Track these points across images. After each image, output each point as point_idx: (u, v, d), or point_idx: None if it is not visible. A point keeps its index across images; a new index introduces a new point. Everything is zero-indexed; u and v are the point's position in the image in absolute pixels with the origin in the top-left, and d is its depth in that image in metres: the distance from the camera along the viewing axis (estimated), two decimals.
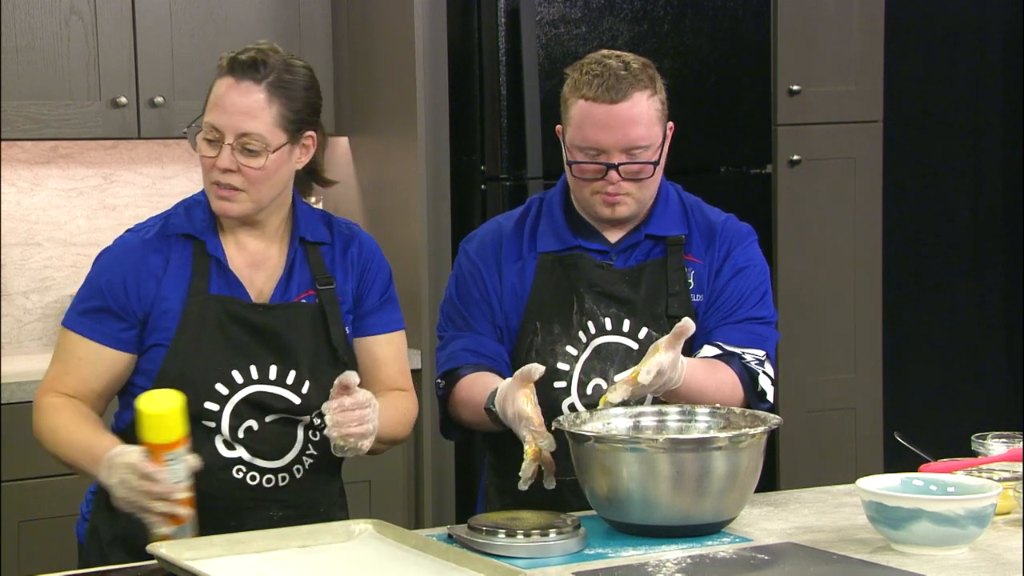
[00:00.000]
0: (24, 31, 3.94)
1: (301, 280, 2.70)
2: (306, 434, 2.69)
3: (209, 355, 2.62)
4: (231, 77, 2.61)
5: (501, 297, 2.84)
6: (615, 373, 2.75)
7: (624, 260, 2.83)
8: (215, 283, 2.65)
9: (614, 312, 2.79)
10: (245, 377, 2.63)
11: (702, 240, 2.86)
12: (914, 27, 5.36)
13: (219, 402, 2.62)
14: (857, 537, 2.41)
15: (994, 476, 2.56)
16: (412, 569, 2.24)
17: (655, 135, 2.76)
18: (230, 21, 4.14)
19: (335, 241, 2.76)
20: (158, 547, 2.26)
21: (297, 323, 2.67)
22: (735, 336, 2.80)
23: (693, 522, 2.40)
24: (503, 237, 2.88)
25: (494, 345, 2.83)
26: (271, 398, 2.64)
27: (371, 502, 4.01)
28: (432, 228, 4.13)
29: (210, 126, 2.61)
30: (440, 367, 2.87)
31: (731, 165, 4.49)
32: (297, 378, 2.65)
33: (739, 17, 4.42)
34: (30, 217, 4.26)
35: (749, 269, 2.87)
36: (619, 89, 2.72)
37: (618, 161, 2.74)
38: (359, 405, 2.55)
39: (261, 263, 2.70)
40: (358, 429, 2.55)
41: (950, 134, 5.58)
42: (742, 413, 2.57)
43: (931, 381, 5.54)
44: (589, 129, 2.74)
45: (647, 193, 2.80)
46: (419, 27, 4.07)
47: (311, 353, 2.67)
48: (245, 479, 2.64)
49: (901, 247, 5.28)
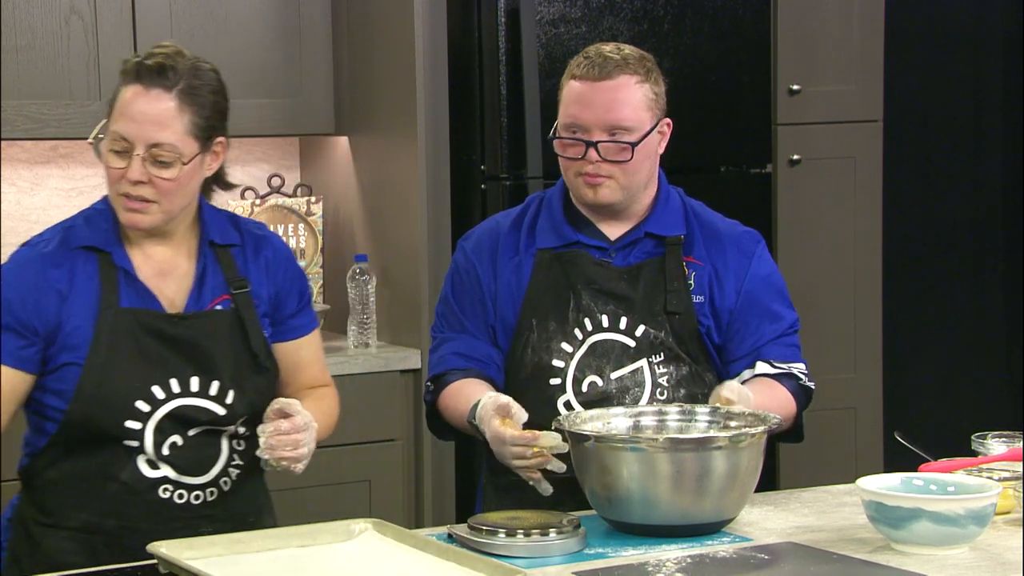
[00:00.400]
0: (24, 30, 3.94)
1: (214, 285, 2.62)
2: (230, 444, 2.62)
3: (126, 371, 2.53)
4: (139, 84, 2.51)
5: (496, 295, 2.83)
6: (611, 371, 2.76)
7: (623, 257, 2.83)
8: (125, 295, 2.55)
9: (611, 309, 2.79)
10: (166, 392, 2.55)
11: (705, 243, 2.85)
12: (914, 27, 5.36)
13: (141, 420, 2.54)
14: (857, 537, 2.41)
15: (994, 476, 2.56)
16: (412, 569, 2.24)
17: (640, 119, 2.75)
18: (230, 21, 4.14)
19: (245, 242, 2.68)
20: (158, 547, 2.26)
21: (215, 332, 2.59)
22: (781, 352, 2.82)
23: (693, 522, 2.40)
24: (500, 234, 2.88)
25: (485, 347, 2.83)
26: (195, 411, 2.56)
27: (371, 502, 4.01)
28: (432, 228, 4.12)
29: (118, 135, 2.51)
30: (430, 370, 2.87)
31: (731, 165, 4.49)
32: (220, 389, 2.58)
33: (739, 16, 4.41)
34: (30, 217, 4.26)
35: (773, 276, 2.89)
36: (605, 68, 2.74)
37: (597, 139, 2.74)
38: (296, 429, 2.51)
39: (170, 271, 2.61)
40: (292, 453, 2.51)
41: (950, 134, 5.58)
42: (742, 413, 2.57)
43: (931, 381, 5.54)
44: (572, 106, 2.76)
45: (632, 180, 2.78)
46: (419, 27, 4.07)
47: (232, 361, 2.59)
48: (172, 498, 2.57)
49: (901, 247, 5.28)
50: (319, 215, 4.39)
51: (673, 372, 2.79)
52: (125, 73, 2.54)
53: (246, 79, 4.15)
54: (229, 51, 4.13)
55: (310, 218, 4.39)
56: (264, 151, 4.52)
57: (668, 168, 2.86)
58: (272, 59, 4.20)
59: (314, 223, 4.39)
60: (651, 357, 2.78)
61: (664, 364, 2.79)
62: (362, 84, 4.26)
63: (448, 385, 2.81)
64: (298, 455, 2.52)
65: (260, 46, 4.18)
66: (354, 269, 4.20)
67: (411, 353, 4.08)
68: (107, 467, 2.56)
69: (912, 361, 5.44)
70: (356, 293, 4.17)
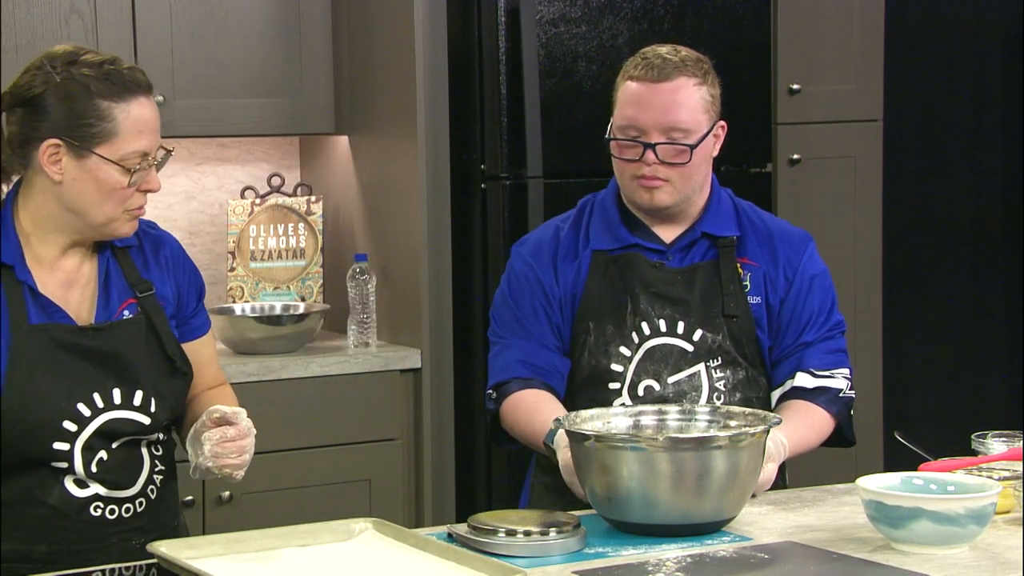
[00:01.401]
0: (24, 30, 3.94)
1: (120, 290, 2.54)
2: (150, 451, 2.56)
3: (48, 391, 2.43)
4: (144, 96, 2.47)
5: (560, 297, 2.82)
6: (668, 375, 2.76)
7: (679, 259, 2.82)
8: (32, 312, 2.45)
9: (668, 313, 2.79)
10: (91, 408, 2.46)
11: (759, 243, 2.85)
12: (914, 27, 5.36)
13: (69, 440, 2.44)
14: (857, 536, 2.41)
15: (994, 475, 2.56)
16: (412, 568, 2.24)
17: (698, 122, 2.75)
18: (230, 20, 4.14)
19: (143, 242, 2.61)
20: (158, 546, 2.26)
21: (130, 340, 2.51)
22: (823, 359, 2.84)
23: (693, 521, 2.40)
24: (560, 237, 2.86)
25: (549, 355, 2.81)
26: (121, 424, 2.49)
27: (371, 501, 4.01)
28: (432, 227, 4.12)
29: (138, 153, 2.46)
30: (492, 376, 2.85)
31: (731, 164, 4.48)
32: (144, 397, 2.51)
33: (739, 16, 4.41)
34: None
35: (822, 276, 2.89)
36: (663, 70, 2.74)
37: (655, 141, 2.73)
38: (241, 435, 2.48)
39: (73, 281, 2.52)
40: (236, 460, 2.48)
41: (950, 134, 5.58)
42: (742, 412, 2.57)
43: (931, 380, 5.54)
44: (629, 107, 2.75)
45: (687, 183, 2.78)
46: (419, 27, 4.07)
47: (150, 369, 2.53)
48: (104, 515, 2.49)
49: (901, 246, 5.28)
50: (319, 214, 4.39)
51: (730, 376, 2.80)
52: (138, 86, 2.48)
53: (246, 78, 4.15)
54: (229, 50, 4.13)
55: (310, 217, 4.39)
56: (264, 150, 4.52)
57: None
58: (272, 59, 4.20)
59: (314, 222, 4.38)
60: (708, 361, 2.79)
61: (721, 368, 2.79)
62: (362, 84, 4.26)
63: (511, 395, 2.78)
64: (242, 462, 2.48)
65: (260, 45, 4.19)
66: (354, 268, 4.20)
67: (411, 352, 4.08)
68: (31, 491, 2.46)
69: (912, 360, 5.44)
70: (356, 292, 4.17)
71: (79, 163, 2.44)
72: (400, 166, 4.16)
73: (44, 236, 2.50)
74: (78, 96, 2.43)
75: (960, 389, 5.59)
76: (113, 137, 2.44)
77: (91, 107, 2.43)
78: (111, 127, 2.43)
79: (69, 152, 2.44)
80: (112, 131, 2.43)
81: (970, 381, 5.62)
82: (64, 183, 2.45)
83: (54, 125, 2.43)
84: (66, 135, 2.43)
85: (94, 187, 2.45)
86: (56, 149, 2.44)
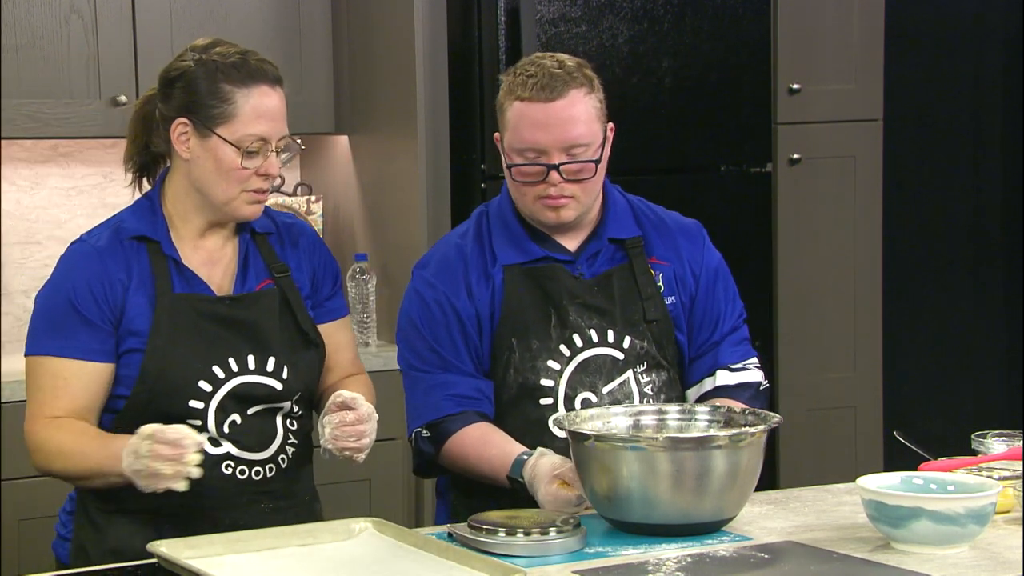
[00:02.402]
0: (24, 29, 3.94)
1: (257, 270, 2.70)
2: (284, 423, 2.69)
3: (187, 353, 2.60)
4: (268, 86, 2.64)
5: (477, 318, 2.75)
6: (603, 385, 2.74)
7: (589, 268, 2.78)
8: (176, 283, 2.63)
9: (597, 323, 2.75)
10: (226, 371, 2.62)
11: (661, 241, 2.82)
12: (914, 27, 5.36)
13: (204, 400, 2.61)
14: (857, 536, 2.41)
15: (994, 475, 2.56)
16: (412, 567, 2.24)
17: (595, 133, 2.69)
18: (230, 20, 4.14)
19: (280, 230, 2.76)
20: (158, 545, 2.26)
21: (265, 310, 2.67)
22: (735, 352, 2.82)
23: (693, 521, 2.40)
24: (467, 254, 2.78)
25: (471, 382, 2.74)
26: (255, 388, 2.64)
27: (371, 501, 4.01)
28: (432, 227, 4.12)
29: (255, 137, 2.61)
30: (420, 415, 2.76)
31: (731, 164, 4.49)
32: (276, 364, 2.65)
33: (739, 16, 4.41)
34: (30, 216, 4.26)
35: (721, 266, 2.87)
36: (554, 87, 2.66)
37: (558, 161, 2.67)
38: (360, 420, 2.57)
39: (216, 260, 2.69)
40: (355, 444, 2.57)
41: (950, 134, 5.58)
42: (743, 412, 2.57)
43: (931, 380, 5.54)
44: (526, 130, 2.67)
45: (590, 194, 2.73)
46: (419, 27, 4.07)
47: (284, 338, 2.67)
48: (235, 474, 2.63)
49: (901, 247, 5.28)
50: (319, 214, 4.39)
51: (655, 379, 2.77)
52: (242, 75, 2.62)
53: None
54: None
55: (310, 217, 4.39)
56: None
57: (668, 168, 2.86)
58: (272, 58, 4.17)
59: (314, 222, 4.39)
60: (636, 367, 2.76)
61: (647, 372, 2.77)
62: (362, 84, 4.26)
63: (452, 434, 2.72)
64: (361, 446, 2.58)
65: (260, 45, 4.13)
66: (354, 268, 4.20)
67: None
68: None
69: (912, 361, 5.44)
70: (356, 292, 4.17)
71: (202, 142, 2.61)
72: (400, 166, 4.16)
73: (184, 216, 2.67)
74: (206, 79, 2.60)
75: (960, 389, 5.59)
76: (232, 119, 2.60)
77: (215, 90, 2.60)
78: (231, 110, 2.60)
79: (195, 131, 2.61)
80: (232, 113, 2.60)
81: (970, 381, 5.62)
82: (191, 161, 2.63)
83: (183, 105, 2.62)
84: (192, 115, 2.61)
85: (214, 166, 2.61)
86: (185, 128, 2.61)
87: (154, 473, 2.40)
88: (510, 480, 2.61)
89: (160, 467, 2.39)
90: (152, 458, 2.39)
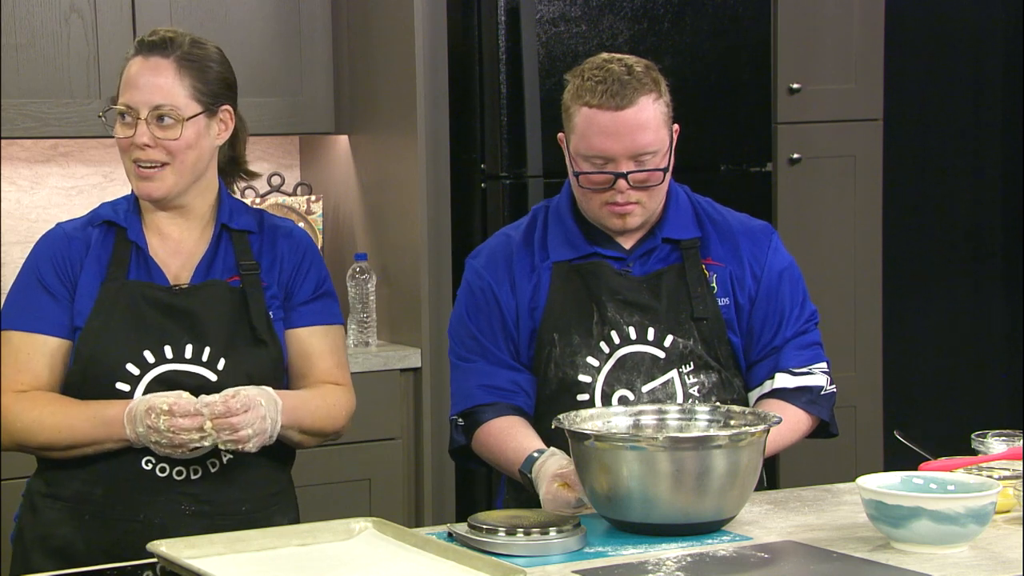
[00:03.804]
0: (24, 29, 3.94)
1: (226, 265, 2.68)
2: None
3: (120, 336, 2.60)
4: (140, 56, 2.63)
5: (517, 311, 2.78)
6: (642, 384, 2.74)
7: (641, 266, 2.78)
8: (134, 269, 2.65)
9: (637, 320, 2.75)
10: (157, 357, 2.60)
11: (721, 242, 2.82)
12: (914, 27, 5.36)
13: (131, 383, 2.59)
14: (857, 535, 2.41)
15: (994, 474, 2.56)
16: (412, 568, 2.24)
17: (662, 140, 2.69)
18: (230, 19, 4.15)
19: (263, 232, 2.74)
20: (158, 545, 2.26)
21: (211, 301, 2.65)
22: (799, 356, 2.80)
23: (693, 520, 2.40)
24: (513, 249, 2.81)
25: (507, 374, 2.77)
26: (184, 376, 2.60)
27: (371, 501, 4.01)
28: (432, 227, 4.13)
29: (124, 106, 2.62)
30: (456, 404, 2.81)
31: (731, 163, 4.49)
32: (212, 354, 2.62)
33: (739, 15, 4.42)
34: (30, 215, 4.26)
35: (790, 269, 2.86)
36: (624, 95, 2.65)
37: (627, 169, 2.67)
38: (230, 412, 2.50)
39: (181, 251, 2.70)
40: (232, 436, 2.50)
41: (950, 133, 5.58)
42: (742, 412, 2.57)
43: (931, 379, 5.54)
44: (595, 137, 2.67)
45: (657, 200, 2.74)
46: (419, 27, 4.07)
47: (227, 330, 2.64)
48: (155, 471, 2.59)
49: (901, 246, 5.28)
50: (319, 214, 4.39)
51: (704, 381, 2.76)
52: (127, 54, 2.66)
53: (246, 77, 4.11)
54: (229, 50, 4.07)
55: (310, 217, 4.39)
56: (264, 150, 4.52)
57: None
58: (272, 58, 4.20)
59: (314, 222, 4.39)
60: (681, 367, 2.75)
61: (694, 373, 2.76)
62: (362, 83, 4.27)
63: (482, 424, 2.75)
64: (238, 437, 2.51)
65: (260, 45, 4.19)
66: (354, 268, 4.20)
67: (411, 352, 4.09)
68: None
69: (912, 359, 5.44)
70: (356, 292, 4.17)
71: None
72: (400, 166, 4.16)
73: (145, 203, 2.70)
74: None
75: (960, 388, 5.59)
76: (120, 91, 2.65)
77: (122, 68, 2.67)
78: (119, 82, 2.66)
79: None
80: (120, 85, 2.65)
81: (970, 380, 5.62)
82: None
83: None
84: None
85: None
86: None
87: (179, 444, 2.48)
88: (521, 474, 2.63)
89: (184, 438, 2.47)
90: (174, 433, 2.46)
